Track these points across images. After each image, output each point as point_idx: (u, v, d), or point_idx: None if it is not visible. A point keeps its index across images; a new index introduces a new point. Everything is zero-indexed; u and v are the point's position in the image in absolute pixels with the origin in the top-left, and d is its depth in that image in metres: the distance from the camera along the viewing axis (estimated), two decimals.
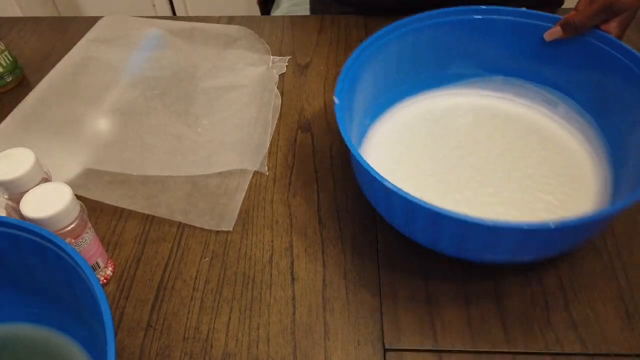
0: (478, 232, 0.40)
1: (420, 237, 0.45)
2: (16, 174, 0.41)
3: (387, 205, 0.45)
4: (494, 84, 0.60)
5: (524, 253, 0.43)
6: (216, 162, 0.57)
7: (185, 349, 0.44)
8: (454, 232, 0.41)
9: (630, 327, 0.43)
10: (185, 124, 0.61)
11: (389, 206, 0.45)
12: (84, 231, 0.43)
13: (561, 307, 0.45)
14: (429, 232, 0.44)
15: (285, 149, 0.60)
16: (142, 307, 0.46)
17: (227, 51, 0.72)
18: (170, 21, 0.78)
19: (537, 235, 0.39)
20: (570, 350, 0.42)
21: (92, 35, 0.76)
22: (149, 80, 0.68)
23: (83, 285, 0.32)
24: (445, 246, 0.44)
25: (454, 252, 0.44)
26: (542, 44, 0.55)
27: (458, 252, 0.44)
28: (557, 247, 0.43)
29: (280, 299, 0.46)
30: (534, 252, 0.43)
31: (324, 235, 0.51)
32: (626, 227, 0.50)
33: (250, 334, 0.44)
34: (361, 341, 0.43)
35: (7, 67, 0.69)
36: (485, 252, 0.43)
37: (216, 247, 0.51)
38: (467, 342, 0.43)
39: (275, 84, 0.68)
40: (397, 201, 0.42)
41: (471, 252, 0.44)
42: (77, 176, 0.56)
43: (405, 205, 0.42)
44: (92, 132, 0.61)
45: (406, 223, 0.45)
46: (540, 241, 0.41)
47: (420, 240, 0.46)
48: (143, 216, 0.54)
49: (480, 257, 0.44)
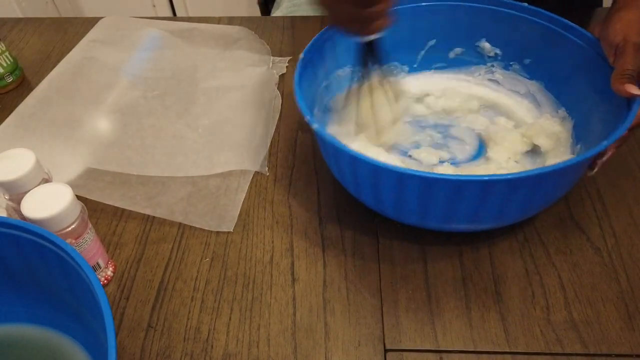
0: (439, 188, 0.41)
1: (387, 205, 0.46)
2: (17, 174, 0.41)
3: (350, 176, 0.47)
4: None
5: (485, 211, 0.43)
6: (217, 163, 0.57)
7: (185, 349, 0.44)
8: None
9: (631, 327, 0.43)
10: (186, 125, 0.61)
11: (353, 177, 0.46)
12: (84, 232, 0.43)
13: (561, 307, 0.45)
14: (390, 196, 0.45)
15: (286, 150, 0.60)
16: (143, 308, 0.46)
17: (228, 52, 0.72)
18: (170, 22, 0.78)
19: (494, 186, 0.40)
20: (570, 351, 0.42)
21: (93, 35, 0.76)
22: (149, 80, 0.68)
23: (83, 286, 0.32)
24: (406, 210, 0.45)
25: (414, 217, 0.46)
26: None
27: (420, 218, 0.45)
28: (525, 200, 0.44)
29: (280, 300, 0.46)
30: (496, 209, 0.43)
31: (324, 235, 0.51)
32: (626, 227, 0.50)
33: (251, 334, 0.44)
34: (362, 341, 0.43)
35: (7, 68, 0.69)
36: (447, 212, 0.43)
37: (217, 248, 0.51)
38: (467, 342, 0.43)
39: (275, 84, 0.68)
40: (362, 167, 0.43)
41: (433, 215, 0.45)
42: (78, 177, 0.56)
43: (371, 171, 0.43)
44: (93, 132, 0.61)
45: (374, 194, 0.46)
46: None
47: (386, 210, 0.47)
48: (143, 217, 0.54)
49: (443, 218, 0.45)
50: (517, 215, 0.46)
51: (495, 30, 0.58)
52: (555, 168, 0.39)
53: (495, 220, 0.46)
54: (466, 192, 0.41)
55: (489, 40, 0.59)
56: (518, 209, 0.45)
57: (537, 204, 0.46)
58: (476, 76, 0.62)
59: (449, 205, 0.42)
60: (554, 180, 0.43)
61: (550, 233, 0.50)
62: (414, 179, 0.40)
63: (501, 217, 0.45)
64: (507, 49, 0.59)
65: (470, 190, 0.41)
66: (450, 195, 0.41)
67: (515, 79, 0.60)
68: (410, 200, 0.43)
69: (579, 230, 0.50)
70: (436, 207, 0.43)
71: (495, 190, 0.41)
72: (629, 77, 0.45)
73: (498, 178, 0.39)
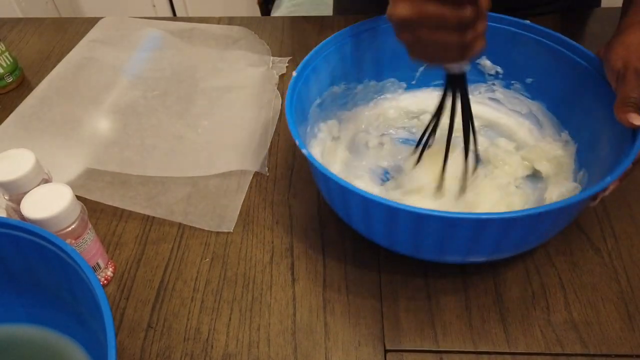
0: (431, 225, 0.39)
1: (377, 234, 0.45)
2: (17, 174, 0.41)
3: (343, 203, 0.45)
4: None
5: (480, 248, 0.42)
6: (217, 163, 0.57)
7: (185, 349, 0.44)
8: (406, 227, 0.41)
9: (631, 328, 0.43)
10: (186, 125, 0.61)
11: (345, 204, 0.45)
12: (84, 232, 0.43)
13: (561, 307, 0.45)
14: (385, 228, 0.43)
15: (286, 150, 0.60)
16: (143, 308, 0.46)
17: (227, 52, 0.72)
18: (170, 22, 0.78)
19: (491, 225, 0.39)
20: (570, 351, 0.42)
21: (93, 35, 0.76)
22: (149, 80, 0.68)
23: (83, 286, 0.32)
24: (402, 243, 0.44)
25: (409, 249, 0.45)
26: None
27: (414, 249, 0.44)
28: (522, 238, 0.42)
29: (280, 300, 0.46)
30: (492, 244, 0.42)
31: (324, 236, 0.51)
32: (626, 227, 0.50)
33: (251, 334, 0.44)
34: (362, 342, 0.43)
35: (7, 68, 0.69)
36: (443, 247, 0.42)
37: (216, 248, 0.51)
38: (467, 343, 0.43)
39: (275, 84, 0.68)
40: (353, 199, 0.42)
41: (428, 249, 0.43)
42: (78, 177, 0.56)
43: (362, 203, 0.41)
44: (93, 132, 0.61)
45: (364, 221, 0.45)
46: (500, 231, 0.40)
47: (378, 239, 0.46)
48: (143, 217, 0.54)
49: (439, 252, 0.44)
50: (511, 250, 0.44)
51: (496, 48, 0.55)
52: (553, 207, 0.37)
53: (490, 255, 0.44)
54: (459, 230, 0.39)
55: (489, 58, 0.57)
56: (512, 246, 0.43)
57: (534, 240, 0.44)
58: (476, 94, 0.60)
59: (441, 240, 0.41)
60: (552, 217, 0.41)
61: None
62: (404, 214, 0.39)
63: (496, 252, 0.43)
64: (508, 67, 0.57)
65: (463, 227, 0.39)
66: (443, 230, 0.40)
67: (517, 99, 0.58)
68: (402, 232, 0.42)
69: (579, 231, 0.50)
70: (428, 240, 0.42)
71: (489, 228, 0.39)
72: (633, 105, 0.42)
73: (492, 217, 0.37)
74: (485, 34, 0.40)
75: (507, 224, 0.39)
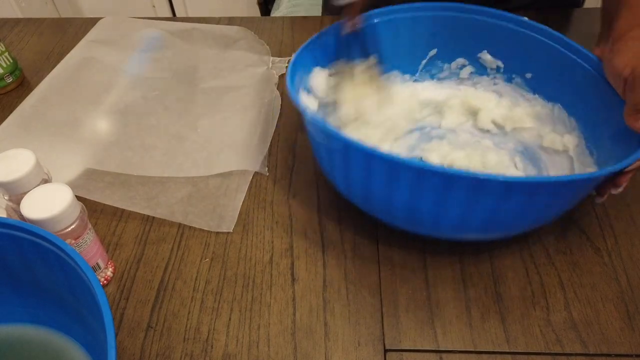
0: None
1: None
2: (16, 175, 0.41)
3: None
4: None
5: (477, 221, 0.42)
6: (216, 163, 0.57)
7: (185, 349, 0.44)
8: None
9: (631, 327, 0.43)
10: (186, 125, 0.61)
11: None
12: (84, 232, 0.43)
13: (561, 306, 0.45)
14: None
15: (286, 150, 0.60)
16: (143, 308, 0.46)
17: (227, 52, 0.72)
18: (170, 22, 0.78)
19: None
20: (570, 351, 0.42)
21: (92, 36, 0.76)
22: (149, 81, 0.68)
23: (83, 286, 0.32)
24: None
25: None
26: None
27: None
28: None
29: (280, 300, 0.46)
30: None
31: (324, 235, 0.51)
32: (626, 227, 0.50)
33: (251, 334, 0.44)
34: (362, 342, 0.43)
35: (7, 68, 0.69)
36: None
37: (216, 248, 0.51)
38: (467, 342, 0.43)
39: (275, 84, 0.68)
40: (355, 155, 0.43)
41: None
42: (78, 177, 0.56)
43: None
44: (93, 133, 0.61)
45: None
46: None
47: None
48: (143, 217, 0.54)
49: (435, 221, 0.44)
50: (510, 225, 0.44)
51: (496, 42, 0.57)
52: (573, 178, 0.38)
53: (487, 225, 0.43)
54: (457, 190, 0.39)
55: (490, 52, 0.58)
56: (510, 217, 0.42)
57: (535, 216, 0.44)
58: (478, 87, 0.61)
59: (438, 201, 0.41)
60: (551, 189, 0.40)
61: (550, 233, 0.50)
62: (405, 168, 0.39)
63: (493, 223, 0.43)
64: (508, 62, 0.58)
65: (462, 186, 0.39)
66: (441, 189, 0.39)
67: (518, 93, 0.59)
68: (401, 192, 0.41)
69: (578, 230, 0.50)
70: (427, 200, 0.41)
71: (488, 188, 0.39)
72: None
73: (492, 177, 0.37)
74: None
75: (508, 187, 0.38)
